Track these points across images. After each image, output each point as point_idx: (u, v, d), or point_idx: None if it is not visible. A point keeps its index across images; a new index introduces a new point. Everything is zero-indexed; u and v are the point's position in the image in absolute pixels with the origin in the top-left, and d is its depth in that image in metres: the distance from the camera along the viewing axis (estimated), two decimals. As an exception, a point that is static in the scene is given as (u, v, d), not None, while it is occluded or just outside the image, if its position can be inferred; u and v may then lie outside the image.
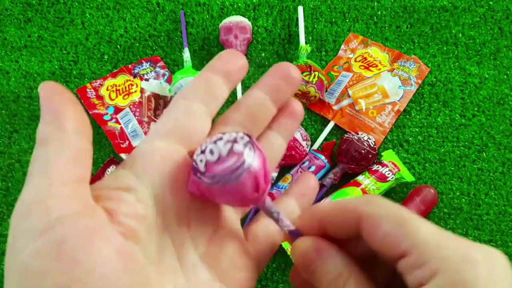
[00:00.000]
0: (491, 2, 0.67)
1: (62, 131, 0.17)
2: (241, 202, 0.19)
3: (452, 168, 0.59)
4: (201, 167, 0.18)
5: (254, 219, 0.24)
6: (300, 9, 0.64)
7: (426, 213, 0.55)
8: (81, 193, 0.17)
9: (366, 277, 0.18)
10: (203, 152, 0.19)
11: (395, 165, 0.56)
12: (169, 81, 0.63)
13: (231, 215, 0.22)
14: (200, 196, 0.19)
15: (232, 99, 0.62)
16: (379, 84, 0.62)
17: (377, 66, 0.63)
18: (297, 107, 0.23)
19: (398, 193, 0.58)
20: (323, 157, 0.57)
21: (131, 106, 0.61)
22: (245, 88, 0.63)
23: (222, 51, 0.22)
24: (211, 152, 0.18)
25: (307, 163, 0.57)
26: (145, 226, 0.18)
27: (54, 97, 0.17)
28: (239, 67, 0.22)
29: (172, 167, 0.19)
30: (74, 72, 0.64)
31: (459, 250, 0.16)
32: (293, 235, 0.20)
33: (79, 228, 0.16)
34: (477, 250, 0.16)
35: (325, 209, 0.20)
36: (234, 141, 0.18)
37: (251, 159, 0.18)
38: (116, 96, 0.61)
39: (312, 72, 0.58)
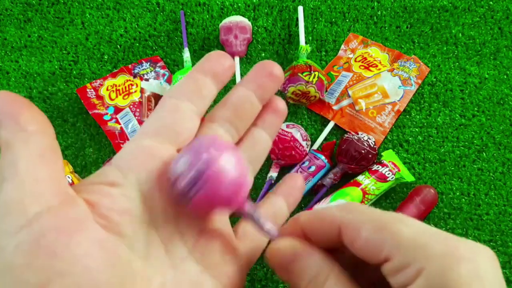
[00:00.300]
0: (491, 2, 0.67)
1: (24, 132, 0.17)
2: (220, 203, 0.19)
3: (452, 168, 0.59)
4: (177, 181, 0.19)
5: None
6: (300, 9, 0.64)
7: (426, 213, 0.55)
8: (56, 187, 0.17)
9: (347, 275, 0.18)
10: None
11: (395, 165, 0.56)
12: (169, 81, 0.63)
13: None
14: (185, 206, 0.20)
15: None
16: (379, 84, 0.62)
17: (377, 66, 0.63)
18: (280, 104, 0.24)
19: (398, 193, 0.58)
20: (323, 157, 0.57)
21: (131, 106, 0.61)
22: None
23: (210, 52, 0.22)
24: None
25: (307, 163, 0.57)
26: (130, 220, 0.18)
27: (8, 102, 0.17)
28: (226, 68, 0.22)
29: (159, 164, 0.20)
30: (74, 72, 0.64)
31: (443, 247, 0.16)
32: None
33: (58, 222, 0.16)
34: (463, 246, 0.16)
35: (305, 219, 0.20)
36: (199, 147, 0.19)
37: (215, 157, 0.19)
38: (116, 96, 0.61)
39: (312, 72, 0.58)
